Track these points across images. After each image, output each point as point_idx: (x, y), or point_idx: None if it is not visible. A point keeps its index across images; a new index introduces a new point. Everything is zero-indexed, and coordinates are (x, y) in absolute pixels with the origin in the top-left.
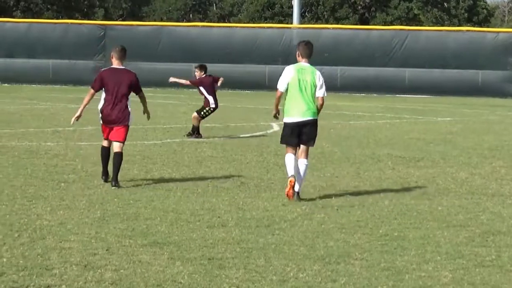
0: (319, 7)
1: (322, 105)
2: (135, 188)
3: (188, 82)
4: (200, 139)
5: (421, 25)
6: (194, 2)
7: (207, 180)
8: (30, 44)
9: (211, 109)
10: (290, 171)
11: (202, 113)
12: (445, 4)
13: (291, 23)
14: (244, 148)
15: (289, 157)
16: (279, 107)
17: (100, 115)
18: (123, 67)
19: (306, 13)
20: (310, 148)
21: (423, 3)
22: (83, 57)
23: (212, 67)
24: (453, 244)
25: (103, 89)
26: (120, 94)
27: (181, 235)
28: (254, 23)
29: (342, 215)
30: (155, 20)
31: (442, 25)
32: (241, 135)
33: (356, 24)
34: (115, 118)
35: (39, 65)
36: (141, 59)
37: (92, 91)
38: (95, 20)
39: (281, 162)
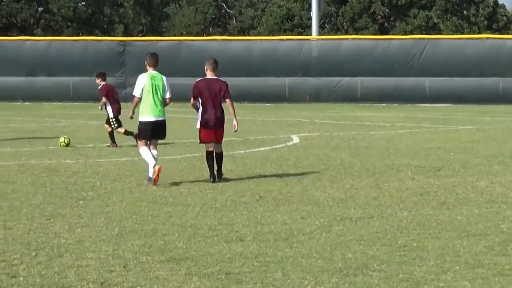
0: (338, 18)
1: (168, 104)
2: (154, 204)
3: (102, 101)
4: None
5: (440, 34)
6: (213, 16)
7: (225, 194)
8: (51, 62)
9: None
10: (152, 161)
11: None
12: (464, 12)
13: (311, 34)
14: (264, 161)
15: (145, 149)
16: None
17: (200, 121)
18: (216, 77)
19: (326, 24)
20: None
21: (443, 12)
22: None
23: (232, 81)
24: (472, 254)
25: (198, 98)
26: (216, 101)
27: (199, 251)
28: (273, 35)
29: (360, 226)
30: (174, 35)
31: (462, 33)
32: (261, 148)
33: (376, 34)
34: (215, 123)
35: (59, 82)
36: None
37: (192, 100)
38: (115, 36)
39: (301, 175)
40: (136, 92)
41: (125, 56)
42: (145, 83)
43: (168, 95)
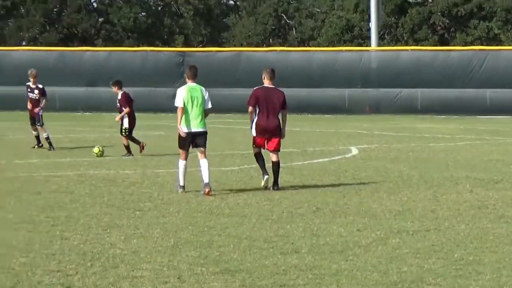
0: (398, 29)
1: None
2: (210, 215)
3: (127, 110)
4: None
5: (501, 45)
6: (273, 27)
7: (282, 206)
8: (110, 73)
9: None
10: (182, 180)
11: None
12: None
13: (370, 45)
14: (322, 173)
15: (182, 164)
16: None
17: (254, 128)
18: (273, 86)
19: (385, 35)
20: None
21: (503, 22)
22: (162, 84)
23: (291, 91)
24: None
25: (256, 105)
26: (273, 109)
27: (254, 262)
28: (333, 46)
29: (417, 239)
30: (235, 46)
31: None
32: (319, 160)
33: (436, 45)
34: (272, 130)
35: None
36: (220, 85)
37: (250, 108)
38: (175, 47)
39: (359, 187)
40: (178, 103)
41: (185, 67)
42: (183, 95)
43: (208, 106)
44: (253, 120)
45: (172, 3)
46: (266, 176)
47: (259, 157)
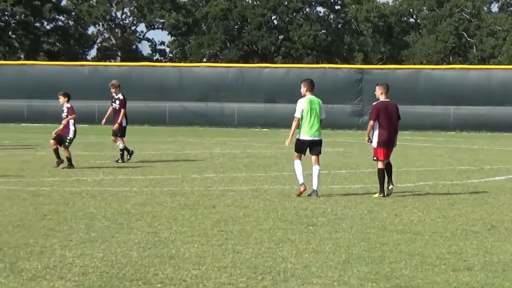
0: None
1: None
2: (383, 231)
3: (68, 120)
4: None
5: None
6: (454, 45)
7: (456, 223)
8: (289, 89)
9: (71, 139)
10: (301, 178)
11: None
12: None
13: None
14: (498, 191)
15: (298, 163)
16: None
17: (377, 140)
18: (389, 100)
19: None
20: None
21: None
22: (340, 101)
23: (470, 109)
24: None
25: (377, 119)
26: (393, 122)
27: (425, 279)
28: None
29: None
30: (414, 64)
31: None
32: (496, 178)
33: None
34: (393, 141)
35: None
36: (398, 103)
37: (371, 122)
38: (355, 64)
39: None
40: (297, 114)
41: (363, 84)
42: (304, 107)
43: (323, 116)
44: (374, 133)
45: (352, 20)
46: (381, 195)
47: (382, 175)
